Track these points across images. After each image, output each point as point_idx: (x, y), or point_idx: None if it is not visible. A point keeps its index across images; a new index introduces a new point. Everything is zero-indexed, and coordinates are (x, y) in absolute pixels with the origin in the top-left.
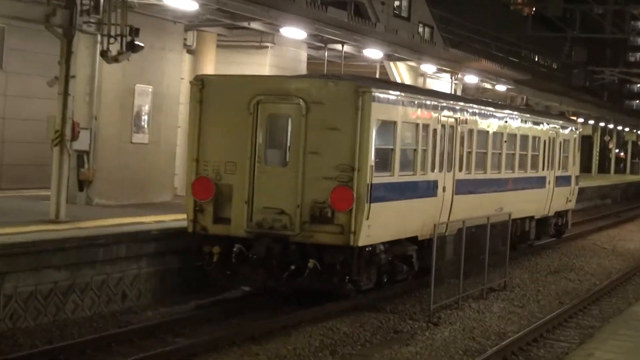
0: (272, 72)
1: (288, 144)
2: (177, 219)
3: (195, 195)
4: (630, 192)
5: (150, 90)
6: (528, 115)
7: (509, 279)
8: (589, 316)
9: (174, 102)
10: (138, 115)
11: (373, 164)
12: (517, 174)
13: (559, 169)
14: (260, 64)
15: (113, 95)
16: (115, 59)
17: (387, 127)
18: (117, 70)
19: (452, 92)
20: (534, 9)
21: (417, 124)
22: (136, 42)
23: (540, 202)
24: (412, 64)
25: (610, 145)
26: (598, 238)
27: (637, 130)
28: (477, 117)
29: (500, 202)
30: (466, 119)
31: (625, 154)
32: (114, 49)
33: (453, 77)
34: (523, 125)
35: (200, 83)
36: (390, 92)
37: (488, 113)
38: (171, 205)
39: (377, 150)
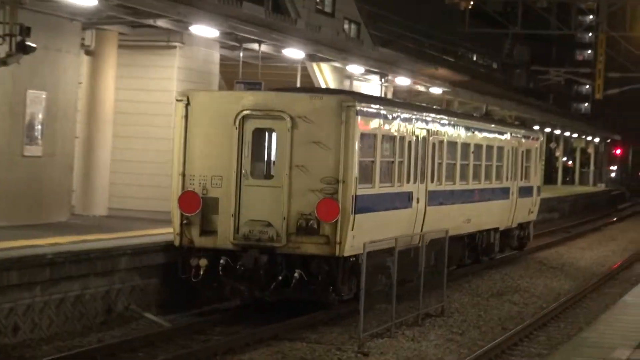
0: (181, 75)
1: (273, 158)
2: (73, 241)
3: (182, 209)
4: (580, 205)
5: (43, 96)
6: (492, 126)
7: (447, 303)
8: (536, 343)
9: (71, 110)
10: (30, 125)
11: (357, 176)
12: (483, 184)
13: (521, 179)
14: (168, 66)
15: (1, 102)
16: (4, 62)
17: (369, 140)
18: (6, 75)
19: (383, 96)
20: (471, 3)
21: (395, 136)
22: (27, 43)
23: (504, 214)
24: (337, 64)
25: (557, 153)
26: (545, 256)
27: (586, 136)
28: (447, 128)
29: (468, 213)
30: (437, 130)
31: (574, 162)
32: (3, 50)
33: (383, 80)
34: (488, 135)
35: (185, 99)
36: (372, 105)
37: (456, 124)
38: (68, 225)
39: (360, 163)
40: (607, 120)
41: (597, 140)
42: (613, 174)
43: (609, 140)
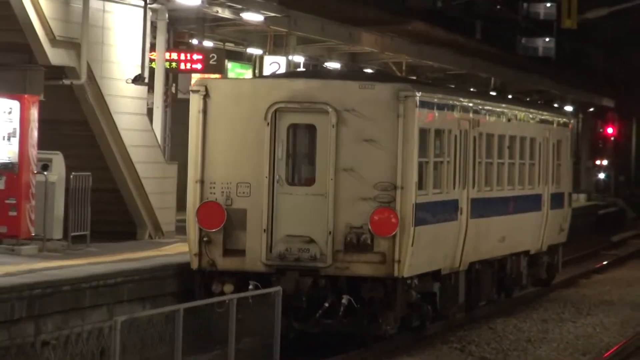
0: None
1: (315, 160)
2: None
3: (201, 224)
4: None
5: None
6: (523, 109)
7: None
8: None
9: None
10: None
11: (417, 180)
12: (517, 190)
13: (552, 183)
14: None
15: None
16: None
17: (424, 136)
18: None
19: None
20: None
21: (442, 130)
22: None
23: (535, 231)
24: None
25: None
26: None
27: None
28: (485, 116)
29: (503, 229)
30: (478, 120)
31: None
32: None
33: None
34: (521, 123)
35: (203, 89)
36: (431, 94)
37: (492, 109)
38: None
39: (419, 165)
40: (587, 70)
41: (568, 109)
42: (601, 175)
43: (591, 110)
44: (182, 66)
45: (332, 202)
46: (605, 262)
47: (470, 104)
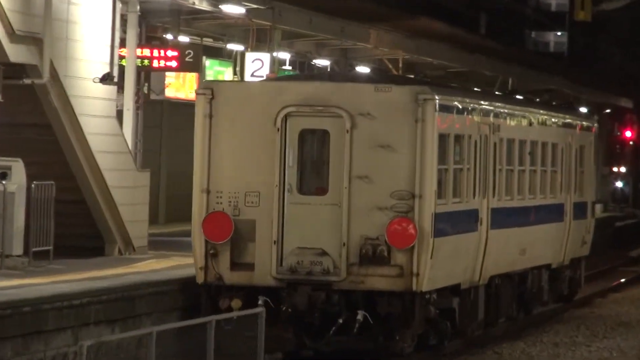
0: None
1: (328, 167)
2: None
3: (207, 236)
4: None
5: None
6: (544, 112)
7: None
8: None
9: None
10: None
11: (436, 188)
12: (539, 200)
13: (575, 192)
14: None
15: None
16: None
17: (444, 142)
18: None
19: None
20: None
21: (462, 135)
22: None
23: (556, 243)
24: None
25: None
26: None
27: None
28: (506, 120)
29: (524, 241)
30: (498, 124)
31: None
32: None
33: None
34: (542, 127)
35: (209, 92)
36: (451, 97)
37: (513, 112)
38: None
39: (438, 172)
40: (603, 67)
41: (582, 110)
42: (619, 184)
43: (608, 111)
44: (155, 64)
45: (346, 212)
46: (623, 280)
47: (491, 107)
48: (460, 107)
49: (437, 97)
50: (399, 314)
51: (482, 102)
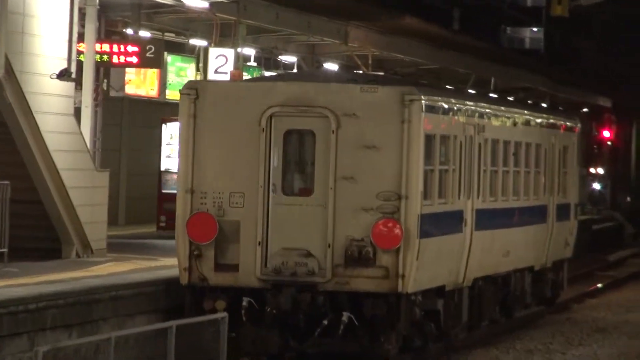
0: None
1: (313, 168)
2: None
3: (191, 237)
4: None
5: None
6: (528, 112)
7: None
8: None
9: None
10: None
11: (422, 189)
12: (522, 201)
13: (558, 193)
14: None
15: None
16: None
17: (429, 142)
18: None
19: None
20: None
21: (448, 136)
22: None
23: (539, 245)
24: None
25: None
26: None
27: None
28: (491, 120)
29: (508, 243)
30: (483, 125)
31: None
32: None
33: None
34: (526, 128)
35: (193, 92)
36: (438, 97)
37: (497, 112)
38: None
39: (424, 173)
40: (580, 65)
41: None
42: (597, 185)
43: (584, 110)
44: (115, 59)
45: (332, 213)
46: (600, 285)
47: (476, 108)
48: (446, 107)
49: (423, 98)
50: (384, 315)
51: (468, 103)
